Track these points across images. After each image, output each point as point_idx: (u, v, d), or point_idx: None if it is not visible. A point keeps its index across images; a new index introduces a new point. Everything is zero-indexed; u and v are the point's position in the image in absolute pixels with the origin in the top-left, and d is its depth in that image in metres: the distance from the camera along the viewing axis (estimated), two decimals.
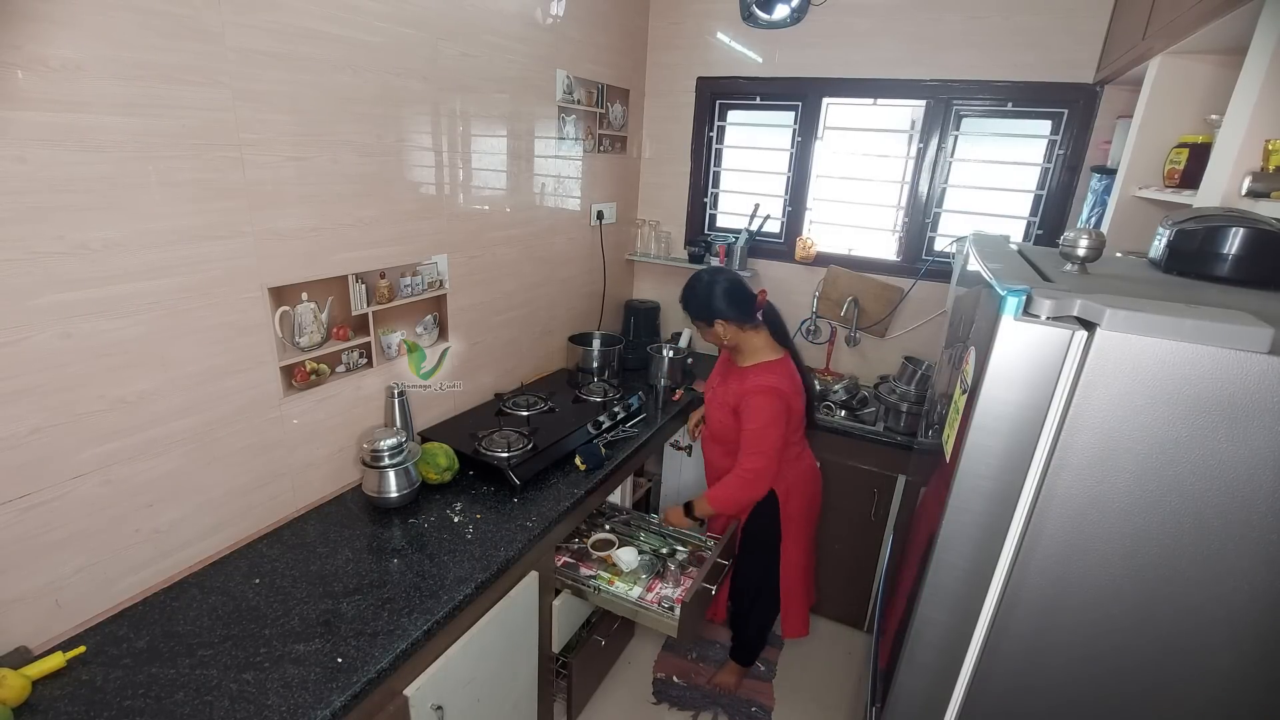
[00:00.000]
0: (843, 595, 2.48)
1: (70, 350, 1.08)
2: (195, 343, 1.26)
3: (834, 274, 2.63)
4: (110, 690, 1.05)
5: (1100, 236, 0.95)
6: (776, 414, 1.73)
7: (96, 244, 1.07)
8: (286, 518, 1.53)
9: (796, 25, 2.47)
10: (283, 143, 1.33)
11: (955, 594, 0.90)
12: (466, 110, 1.82)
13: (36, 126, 0.98)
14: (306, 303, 1.46)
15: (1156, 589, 0.78)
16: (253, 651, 1.14)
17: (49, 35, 0.97)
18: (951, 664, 0.94)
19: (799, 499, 1.96)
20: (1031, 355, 0.77)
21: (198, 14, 1.15)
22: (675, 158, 2.86)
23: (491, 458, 1.73)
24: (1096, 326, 0.72)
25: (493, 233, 2.05)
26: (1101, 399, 0.73)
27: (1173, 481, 0.73)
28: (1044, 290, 0.77)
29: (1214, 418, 0.70)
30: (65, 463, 1.11)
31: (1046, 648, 0.86)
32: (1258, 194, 1.11)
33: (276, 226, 1.36)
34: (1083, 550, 0.80)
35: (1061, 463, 0.77)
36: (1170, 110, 1.60)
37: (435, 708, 1.28)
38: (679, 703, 2.19)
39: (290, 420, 1.49)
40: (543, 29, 2.07)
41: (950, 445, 0.94)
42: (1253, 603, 0.74)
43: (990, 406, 0.81)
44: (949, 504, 0.86)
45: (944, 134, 2.40)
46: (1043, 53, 2.16)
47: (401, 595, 1.29)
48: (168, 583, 1.29)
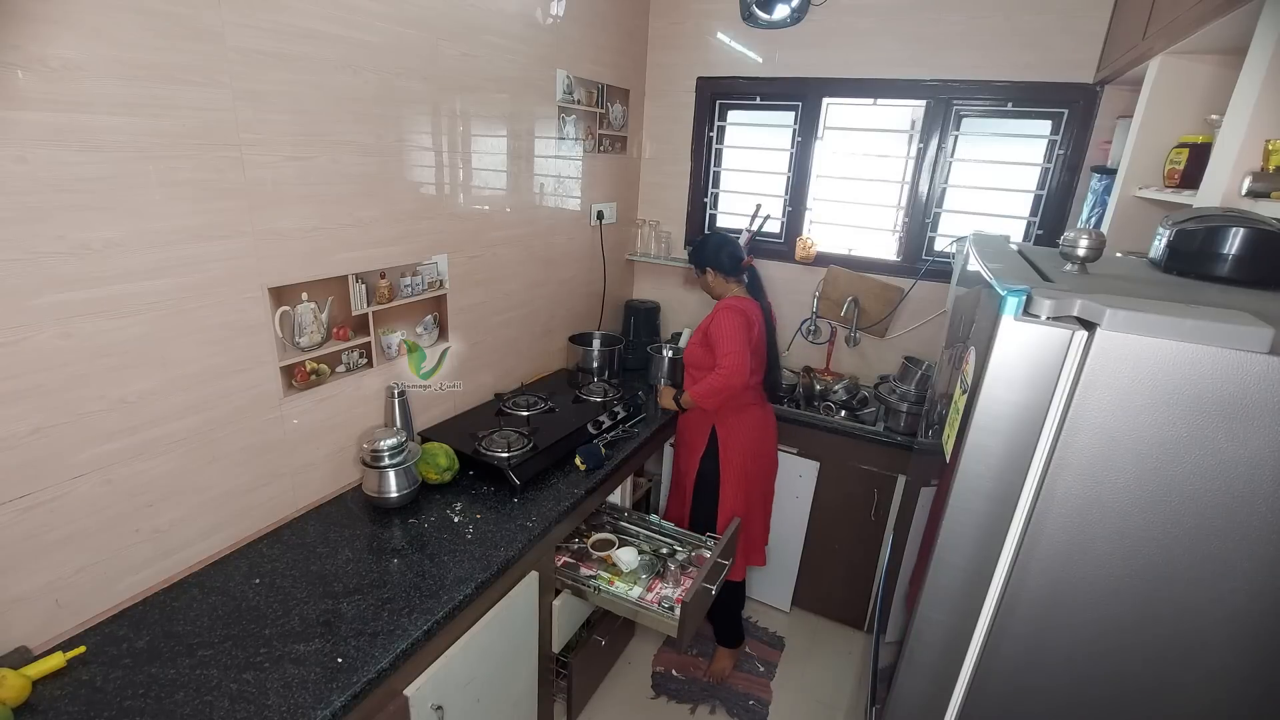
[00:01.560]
0: (843, 595, 2.48)
1: (70, 350, 1.08)
2: (195, 343, 1.26)
3: (834, 274, 2.63)
4: (110, 690, 1.05)
5: (1100, 236, 0.95)
6: (738, 325, 1.98)
7: (97, 244, 1.08)
8: (286, 518, 1.53)
9: (796, 25, 2.47)
10: (283, 143, 1.33)
11: (955, 594, 0.90)
12: (467, 110, 1.82)
13: (37, 126, 0.98)
14: (306, 303, 1.46)
15: (1156, 589, 0.78)
16: (253, 651, 1.14)
17: (49, 35, 0.97)
18: (951, 664, 0.93)
19: (737, 445, 2.10)
20: (1031, 355, 0.77)
21: (198, 14, 1.15)
22: (675, 158, 2.86)
23: (491, 458, 1.73)
24: (1096, 326, 0.72)
25: (493, 233, 2.05)
26: (1101, 399, 0.73)
27: (1173, 481, 0.73)
28: (1044, 290, 0.77)
29: (1214, 418, 0.70)
30: (65, 463, 1.11)
31: (1046, 648, 0.86)
32: (1258, 194, 1.11)
33: (276, 226, 1.36)
34: (1083, 550, 0.80)
35: (1061, 463, 0.77)
36: (1170, 110, 1.60)
37: (435, 708, 1.28)
38: (678, 696, 2.20)
39: (290, 420, 1.49)
40: (543, 29, 2.07)
41: (950, 445, 0.94)
42: (1253, 603, 0.74)
43: (990, 406, 0.81)
44: (949, 504, 0.86)
45: (944, 134, 2.40)
46: (1043, 53, 2.16)
47: (401, 595, 1.29)
48: (168, 583, 1.29)
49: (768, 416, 2.20)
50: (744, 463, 2.11)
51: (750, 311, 2.05)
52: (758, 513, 2.23)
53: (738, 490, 2.11)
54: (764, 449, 2.20)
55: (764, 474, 2.23)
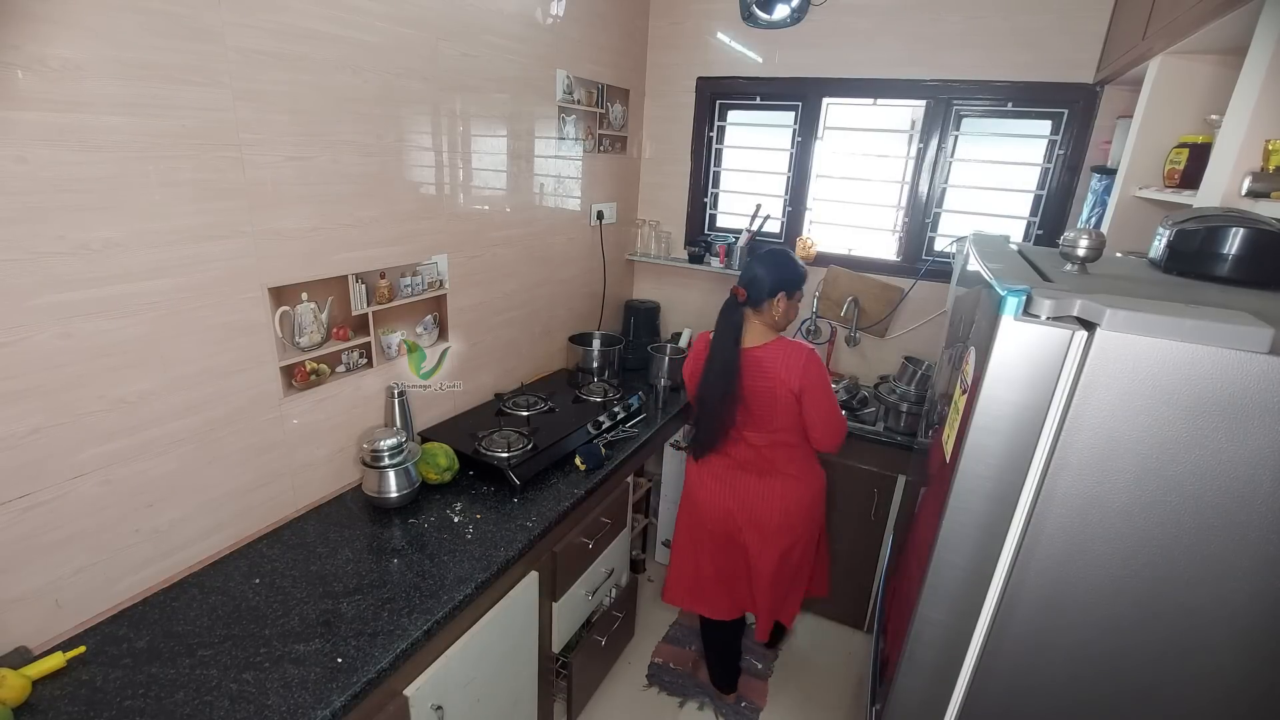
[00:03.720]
0: (843, 595, 2.48)
1: (70, 350, 1.08)
2: (195, 343, 1.26)
3: (834, 274, 2.63)
4: (110, 690, 1.05)
5: (1100, 236, 0.95)
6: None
7: (97, 244, 1.07)
8: (286, 518, 1.53)
9: (796, 25, 2.47)
10: (283, 143, 1.33)
11: (955, 594, 0.90)
12: (466, 110, 1.82)
13: (37, 126, 0.98)
14: (306, 303, 1.46)
15: (1156, 589, 0.78)
16: (253, 651, 1.14)
17: (49, 35, 0.97)
18: (951, 664, 0.94)
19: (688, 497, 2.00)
20: (1031, 355, 0.77)
21: (198, 14, 1.15)
22: (675, 158, 2.86)
23: (491, 458, 1.73)
24: (1096, 326, 0.72)
25: (493, 233, 2.05)
26: (1101, 399, 0.73)
27: (1173, 481, 0.73)
28: (1044, 290, 0.77)
29: (1214, 418, 0.70)
30: (65, 463, 1.11)
31: (1046, 648, 0.86)
32: (1258, 194, 1.11)
33: (276, 226, 1.36)
34: (1083, 550, 0.80)
35: (1061, 463, 0.77)
36: (1170, 110, 1.60)
37: (435, 708, 1.28)
38: (669, 688, 2.21)
39: (290, 420, 1.49)
40: (543, 29, 2.07)
41: (950, 445, 0.94)
42: (1253, 603, 0.74)
43: (990, 406, 0.81)
44: (949, 504, 0.86)
45: (944, 134, 2.40)
46: (1043, 53, 2.16)
47: (401, 595, 1.29)
48: (168, 583, 1.29)
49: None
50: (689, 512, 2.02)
51: (703, 347, 1.92)
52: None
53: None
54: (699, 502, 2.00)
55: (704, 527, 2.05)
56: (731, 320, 1.80)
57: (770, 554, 1.89)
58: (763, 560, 1.90)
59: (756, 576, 1.94)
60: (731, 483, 1.89)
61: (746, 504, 1.87)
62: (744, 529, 1.89)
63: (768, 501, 1.85)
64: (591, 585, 1.91)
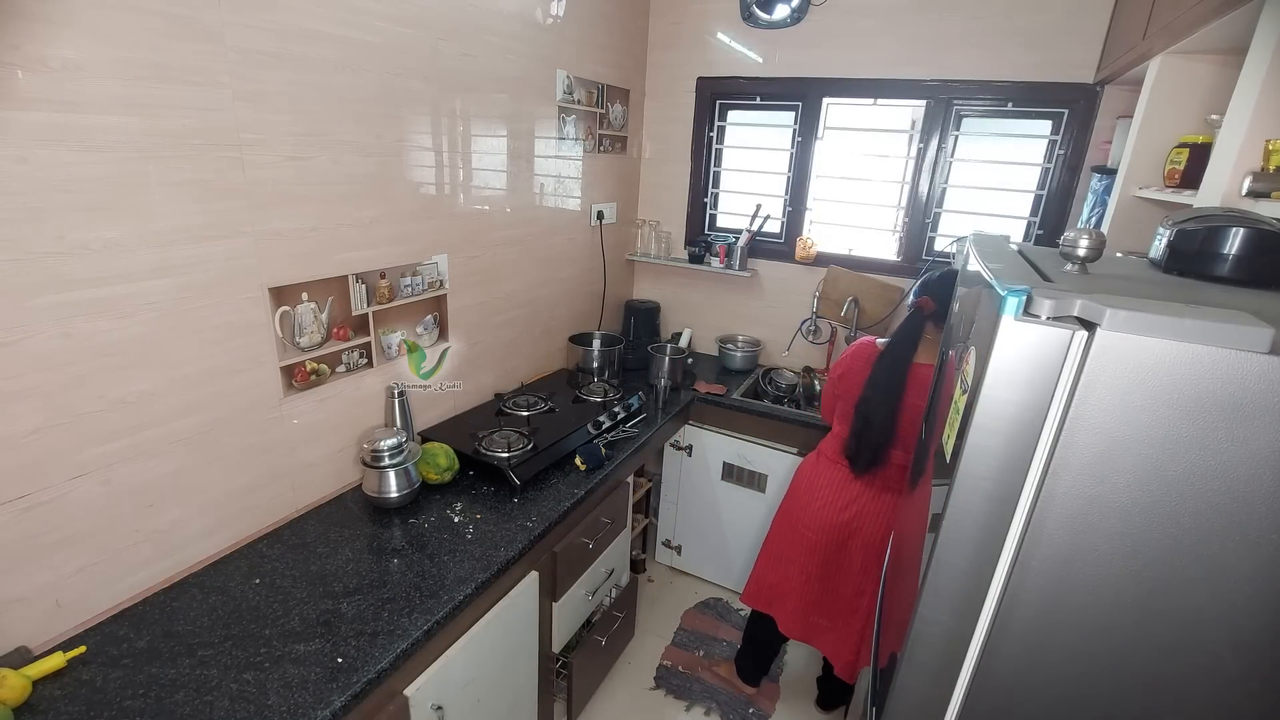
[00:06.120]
0: None
1: (70, 350, 1.08)
2: (195, 343, 1.26)
3: (834, 274, 2.63)
4: (110, 690, 1.05)
5: (1100, 236, 0.94)
6: (843, 358, 1.85)
7: (96, 244, 1.07)
8: (286, 518, 1.53)
9: (796, 25, 2.47)
10: (283, 143, 1.33)
11: (955, 594, 0.90)
12: (467, 110, 1.82)
13: (36, 126, 0.98)
14: (307, 303, 1.46)
15: (1156, 589, 0.78)
16: (253, 651, 1.14)
17: (49, 35, 0.97)
18: (951, 664, 0.93)
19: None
20: (1032, 355, 0.77)
21: (198, 14, 1.15)
22: (675, 158, 2.86)
23: (491, 458, 1.73)
24: (1097, 326, 0.72)
25: (493, 233, 2.05)
26: (1101, 399, 0.73)
27: (1173, 481, 0.73)
28: (1044, 290, 0.77)
29: (1214, 418, 0.70)
30: (65, 463, 1.11)
31: (1046, 648, 0.86)
32: (1258, 194, 1.11)
33: (276, 226, 1.36)
34: (1083, 550, 0.80)
35: (1061, 463, 0.77)
36: (1170, 110, 1.60)
37: (435, 708, 1.28)
38: (677, 691, 2.20)
39: (290, 420, 1.49)
40: (543, 29, 2.07)
41: (950, 445, 0.94)
42: (1253, 603, 0.74)
43: (990, 406, 0.80)
44: (949, 504, 0.86)
45: (944, 134, 2.40)
46: (1043, 53, 2.16)
47: (402, 595, 1.29)
48: (168, 583, 1.29)
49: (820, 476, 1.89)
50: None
51: (866, 353, 1.77)
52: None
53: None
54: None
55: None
56: (911, 333, 1.71)
57: (875, 570, 1.79)
58: (869, 578, 1.82)
59: (861, 595, 1.85)
60: (854, 495, 1.81)
61: (862, 517, 1.81)
62: (853, 539, 1.82)
63: (884, 519, 1.79)
64: (592, 585, 1.91)
